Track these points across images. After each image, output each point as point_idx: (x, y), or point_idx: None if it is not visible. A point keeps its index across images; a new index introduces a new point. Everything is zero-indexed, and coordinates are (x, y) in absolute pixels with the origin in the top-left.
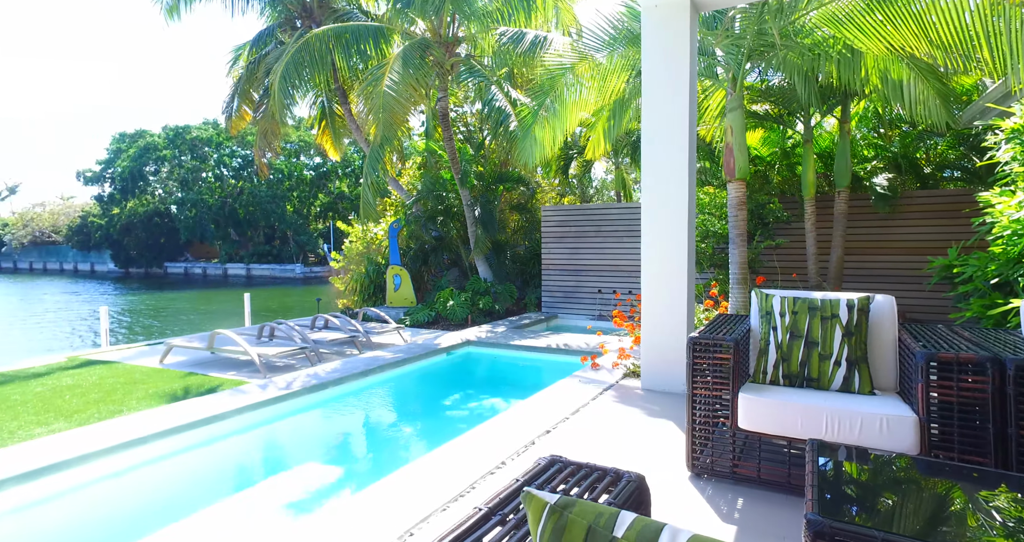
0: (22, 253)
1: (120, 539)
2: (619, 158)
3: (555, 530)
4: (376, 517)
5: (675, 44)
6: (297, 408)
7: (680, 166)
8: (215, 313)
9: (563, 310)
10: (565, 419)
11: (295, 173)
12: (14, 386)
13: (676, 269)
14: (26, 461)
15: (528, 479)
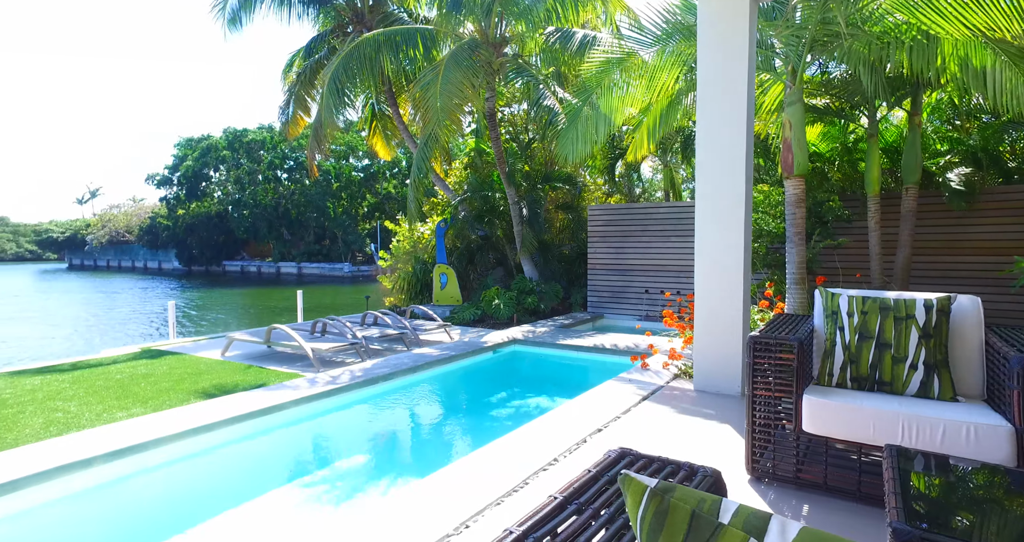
0: (100, 251)
1: (194, 516)
2: (668, 156)
3: (657, 513)
4: (433, 506)
5: (733, 36)
6: (349, 401)
7: (736, 163)
8: (270, 309)
9: (609, 310)
10: (616, 418)
11: (344, 174)
12: (98, 373)
13: (731, 268)
14: (111, 442)
15: (601, 470)
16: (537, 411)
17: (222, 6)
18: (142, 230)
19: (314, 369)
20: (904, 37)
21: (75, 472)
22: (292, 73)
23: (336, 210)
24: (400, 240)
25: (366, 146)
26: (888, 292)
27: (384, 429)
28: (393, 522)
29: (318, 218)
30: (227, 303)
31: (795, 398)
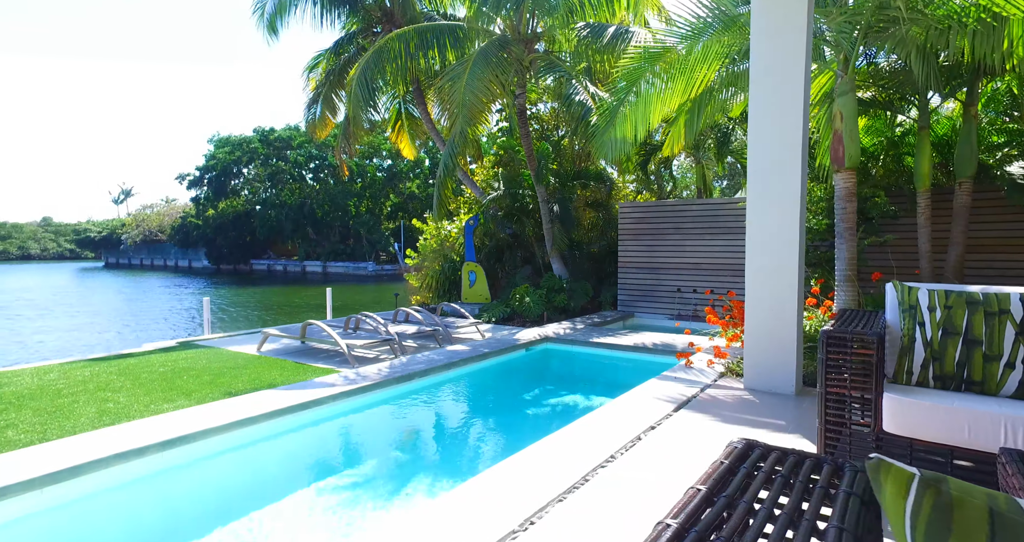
0: (134, 250)
1: (244, 507)
2: (701, 153)
3: (938, 507)
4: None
5: (789, 22)
6: (388, 397)
7: (791, 155)
8: (299, 307)
9: (640, 309)
10: (668, 416)
11: (367, 174)
12: (142, 366)
13: (785, 264)
14: (162, 432)
15: (734, 461)
16: (579, 409)
17: (260, 12)
18: (173, 229)
19: (350, 365)
20: (968, 19)
21: (131, 460)
22: (316, 73)
23: (360, 209)
24: (427, 238)
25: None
26: (970, 286)
27: (426, 425)
28: (452, 518)
29: (342, 217)
30: (257, 301)
31: (874, 396)
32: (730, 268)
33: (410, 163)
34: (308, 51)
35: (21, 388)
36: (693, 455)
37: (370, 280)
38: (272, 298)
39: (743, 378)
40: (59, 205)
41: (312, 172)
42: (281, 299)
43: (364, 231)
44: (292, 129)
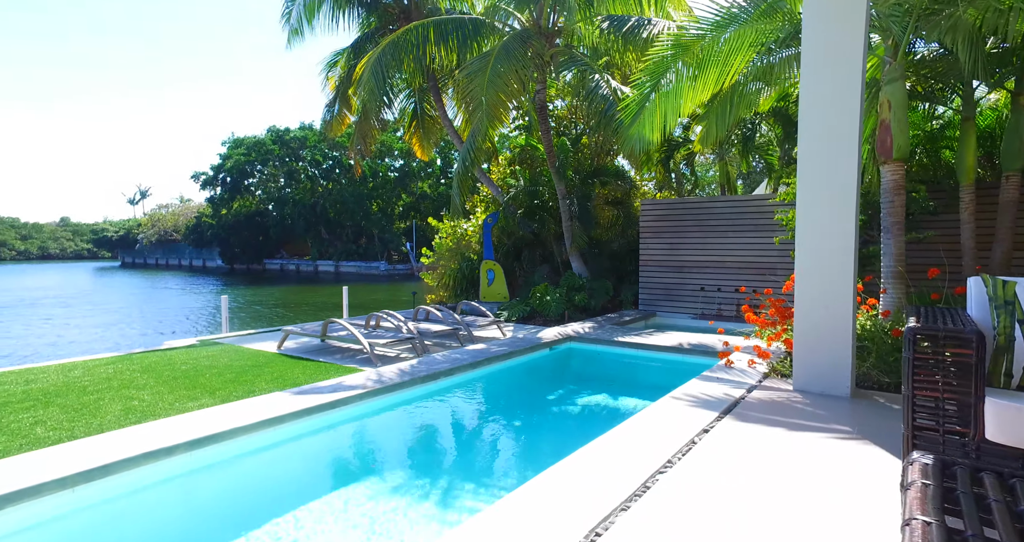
0: (150, 250)
1: (276, 509)
2: (725, 149)
3: None
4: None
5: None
6: (414, 396)
7: (845, 144)
8: (314, 306)
9: (662, 308)
10: (719, 419)
11: (380, 174)
12: (164, 363)
13: (838, 260)
14: (190, 431)
15: (943, 484)
16: (617, 410)
17: (287, 17)
18: (188, 229)
19: (372, 364)
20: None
21: (160, 459)
22: (335, 72)
23: (372, 209)
24: (443, 237)
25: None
26: None
27: (459, 426)
28: (510, 529)
29: (355, 217)
30: (273, 300)
31: (975, 401)
32: (756, 266)
33: (422, 163)
34: (325, 51)
35: (47, 385)
36: (756, 461)
37: (382, 280)
38: (287, 297)
39: (791, 379)
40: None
41: (325, 172)
42: (296, 298)
43: (376, 231)
44: (306, 128)
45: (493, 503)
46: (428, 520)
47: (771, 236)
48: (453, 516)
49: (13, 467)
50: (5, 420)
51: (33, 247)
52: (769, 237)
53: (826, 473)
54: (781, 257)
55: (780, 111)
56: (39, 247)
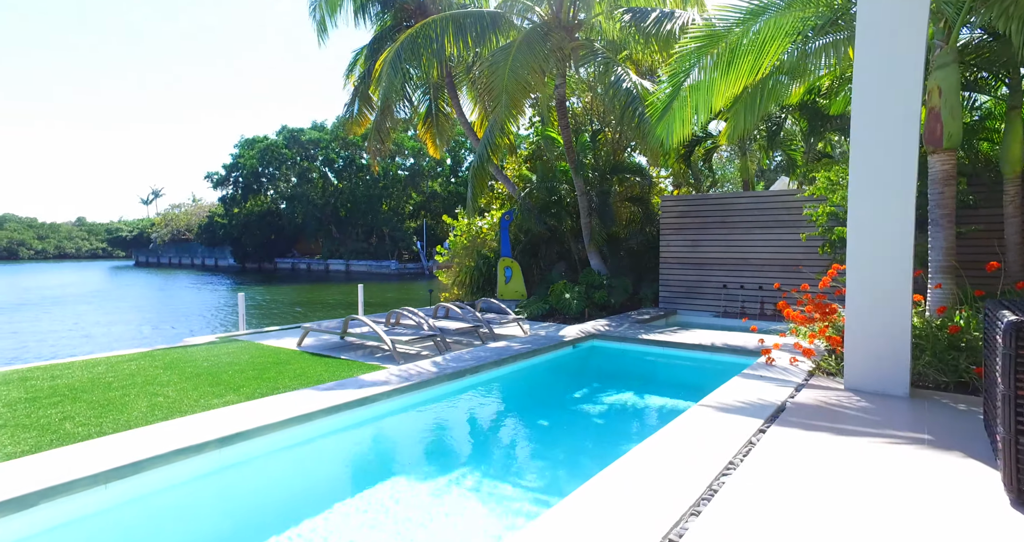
0: (163, 249)
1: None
2: (747, 144)
3: None
4: (614, 514)
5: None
6: (440, 394)
7: (904, 128)
8: (328, 305)
9: (683, 306)
10: (773, 418)
11: (390, 173)
12: (185, 360)
13: (896, 252)
14: (218, 428)
15: None
16: (649, 409)
17: (314, 15)
18: (200, 228)
19: (395, 361)
20: None
21: (190, 457)
22: (355, 73)
23: (383, 208)
24: (457, 234)
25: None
26: None
27: (490, 424)
28: (577, 533)
29: (365, 216)
30: (287, 298)
31: None
32: (781, 263)
33: (432, 162)
34: (341, 50)
35: (72, 381)
36: (824, 466)
37: (393, 278)
38: (301, 296)
39: (839, 377)
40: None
41: (337, 171)
42: (310, 296)
43: (387, 230)
44: (318, 128)
45: (553, 504)
46: (474, 520)
47: (797, 232)
48: (499, 518)
49: (46, 462)
50: (35, 415)
51: (50, 246)
52: (794, 233)
53: (916, 483)
54: (807, 254)
55: (807, 105)
56: (56, 246)
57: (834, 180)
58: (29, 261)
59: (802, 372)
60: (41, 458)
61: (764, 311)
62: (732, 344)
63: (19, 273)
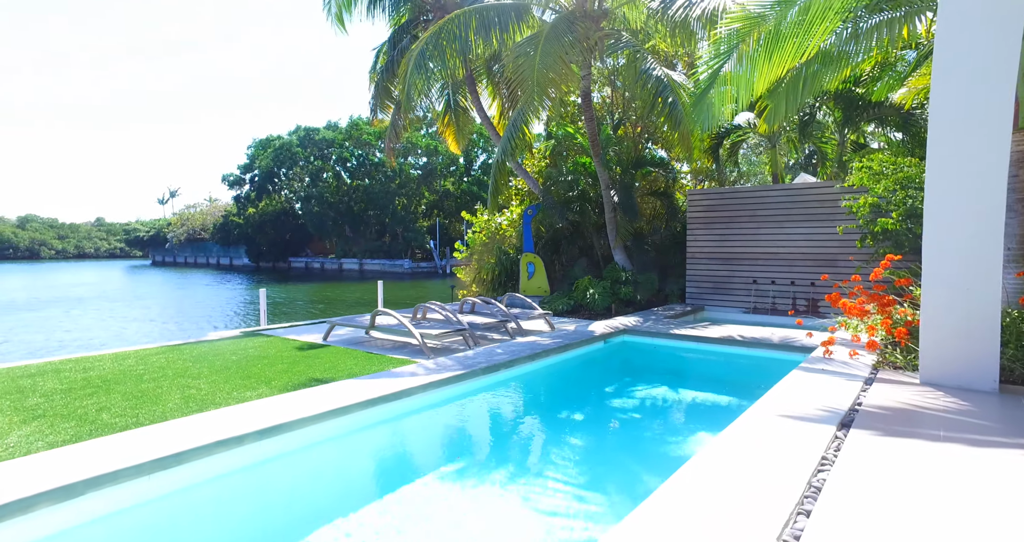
0: (179, 249)
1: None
2: (775, 136)
3: None
4: (699, 524)
5: None
6: (476, 388)
7: (997, 96)
8: (347, 302)
9: (711, 302)
10: (851, 413)
11: (403, 172)
12: (213, 354)
13: (982, 238)
14: (257, 420)
15: None
16: (696, 405)
17: (328, 8)
18: (216, 228)
19: (424, 355)
20: None
21: (231, 448)
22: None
23: (396, 207)
24: (476, 231)
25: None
26: None
27: (531, 418)
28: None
29: (379, 215)
30: (304, 296)
31: None
32: (814, 257)
33: (445, 161)
34: (359, 47)
35: (104, 373)
36: (933, 467)
37: (406, 277)
38: (317, 293)
39: (911, 371)
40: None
41: (350, 171)
42: (326, 294)
43: (400, 229)
44: (332, 128)
45: (605, 504)
46: (521, 521)
47: (832, 225)
48: (549, 518)
49: (89, 452)
50: (72, 406)
51: (70, 246)
52: (829, 227)
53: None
54: (843, 247)
55: (843, 94)
56: (75, 246)
57: (876, 170)
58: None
59: (865, 365)
60: (83, 447)
61: (797, 307)
62: (773, 339)
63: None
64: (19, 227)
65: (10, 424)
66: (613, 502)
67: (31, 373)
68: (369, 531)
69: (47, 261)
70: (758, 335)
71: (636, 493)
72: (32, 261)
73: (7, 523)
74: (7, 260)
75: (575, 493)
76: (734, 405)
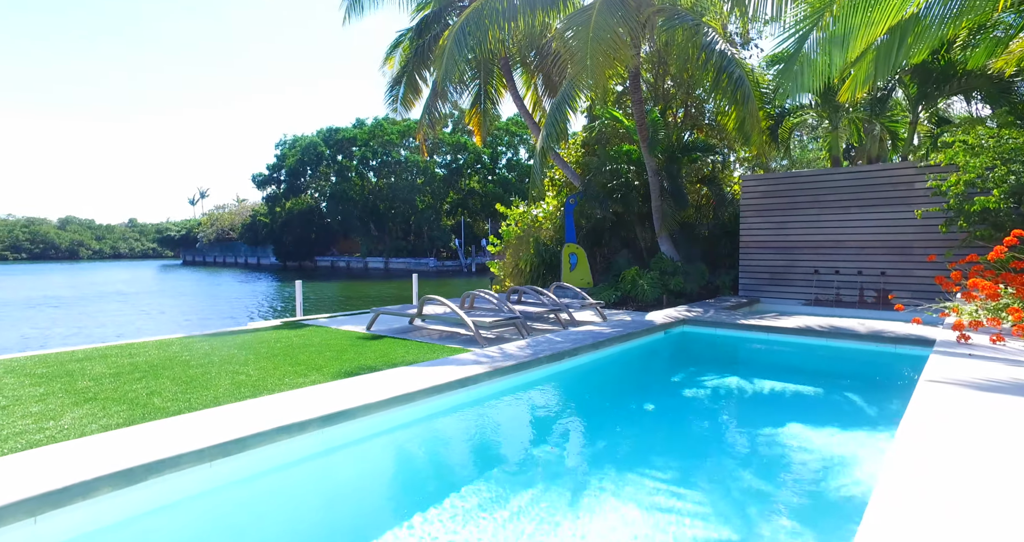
0: (208, 248)
1: (421, 494)
2: (839, 116)
3: None
4: None
5: None
6: (543, 376)
7: None
8: (375, 298)
9: (767, 293)
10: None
11: (429, 170)
12: (256, 342)
13: None
14: (315, 406)
15: None
16: (784, 395)
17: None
18: (244, 227)
19: (476, 344)
20: None
21: (293, 435)
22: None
23: (422, 206)
24: (511, 224)
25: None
26: None
27: (608, 409)
28: None
29: (404, 214)
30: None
31: None
32: (886, 245)
33: (470, 159)
34: (380, 45)
35: (150, 359)
36: None
37: (432, 275)
38: (346, 291)
39: None
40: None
41: (375, 170)
42: (355, 291)
43: (425, 228)
44: (357, 127)
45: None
46: (616, 516)
47: (907, 210)
48: (647, 514)
49: (145, 436)
50: (122, 390)
51: (106, 247)
52: (903, 211)
53: None
54: (920, 233)
55: (920, 67)
56: (111, 247)
57: (973, 143)
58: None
59: (1018, 351)
60: (139, 431)
61: (864, 298)
62: (860, 330)
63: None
64: (60, 228)
65: (62, 406)
66: (735, 501)
67: (78, 358)
68: (459, 521)
69: (85, 261)
70: (839, 325)
71: (752, 490)
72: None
73: (69, 508)
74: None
75: (654, 483)
76: (835, 398)
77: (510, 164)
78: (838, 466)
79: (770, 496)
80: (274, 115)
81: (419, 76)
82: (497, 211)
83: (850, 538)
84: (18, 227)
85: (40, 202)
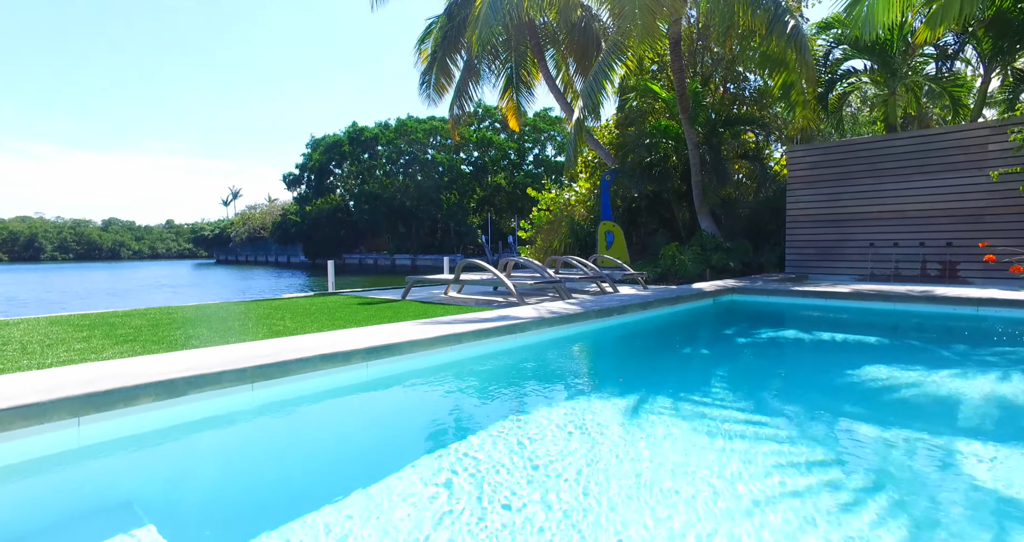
0: (240, 248)
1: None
2: (897, 81)
3: None
4: None
5: None
6: (590, 330)
7: None
8: None
9: (816, 269)
10: None
11: (455, 167)
12: (291, 305)
13: None
14: (360, 341)
15: None
16: (824, 360)
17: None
18: (275, 226)
19: (519, 307)
20: None
21: (337, 365)
22: (427, 44)
23: (448, 203)
24: (541, 208)
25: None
26: None
27: (654, 364)
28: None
29: (431, 210)
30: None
31: None
32: (951, 214)
33: (496, 155)
34: (408, 44)
35: (188, 316)
36: None
37: None
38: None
39: None
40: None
41: (402, 167)
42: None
43: (452, 224)
44: (382, 126)
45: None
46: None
47: (978, 175)
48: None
49: (185, 358)
50: (160, 335)
51: (145, 247)
52: (976, 177)
53: None
54: (993, 199)
55: (999, 17)
56: (149, 247)
57: None
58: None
59: None
60: (179, 354)
61: (927, 271)
62: (924, 294)
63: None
64: (103, 229)
65: (103, 346)
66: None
67: (119, 315)
68: (518, 451)
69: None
70: (907, 291)
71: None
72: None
73: (111, 413)
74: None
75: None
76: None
77: (537, 160)
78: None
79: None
80: (308, 115)
81: (450, 60)
82: (523, 209)
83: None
84: (66, 229)
85: (86, 203)
